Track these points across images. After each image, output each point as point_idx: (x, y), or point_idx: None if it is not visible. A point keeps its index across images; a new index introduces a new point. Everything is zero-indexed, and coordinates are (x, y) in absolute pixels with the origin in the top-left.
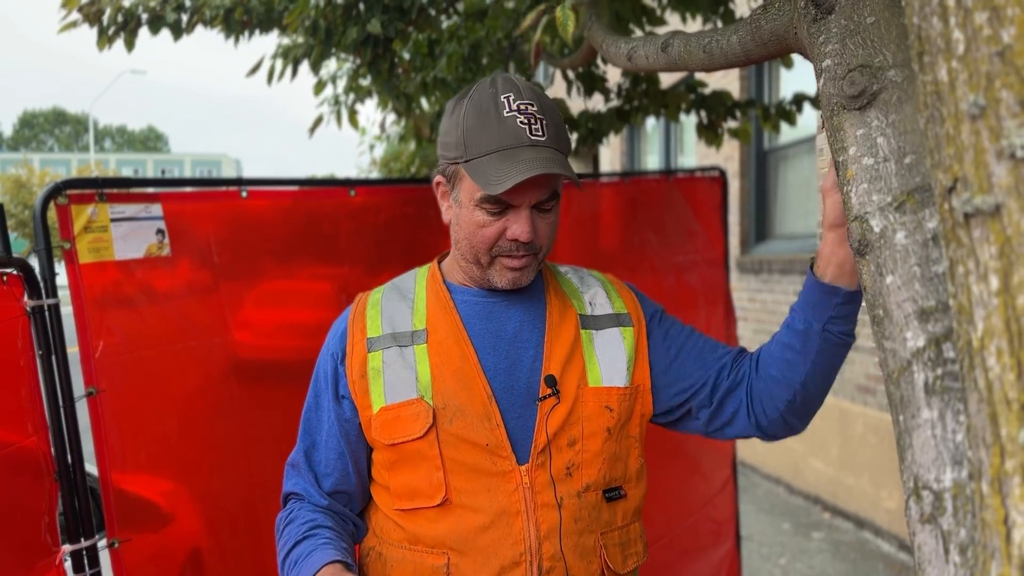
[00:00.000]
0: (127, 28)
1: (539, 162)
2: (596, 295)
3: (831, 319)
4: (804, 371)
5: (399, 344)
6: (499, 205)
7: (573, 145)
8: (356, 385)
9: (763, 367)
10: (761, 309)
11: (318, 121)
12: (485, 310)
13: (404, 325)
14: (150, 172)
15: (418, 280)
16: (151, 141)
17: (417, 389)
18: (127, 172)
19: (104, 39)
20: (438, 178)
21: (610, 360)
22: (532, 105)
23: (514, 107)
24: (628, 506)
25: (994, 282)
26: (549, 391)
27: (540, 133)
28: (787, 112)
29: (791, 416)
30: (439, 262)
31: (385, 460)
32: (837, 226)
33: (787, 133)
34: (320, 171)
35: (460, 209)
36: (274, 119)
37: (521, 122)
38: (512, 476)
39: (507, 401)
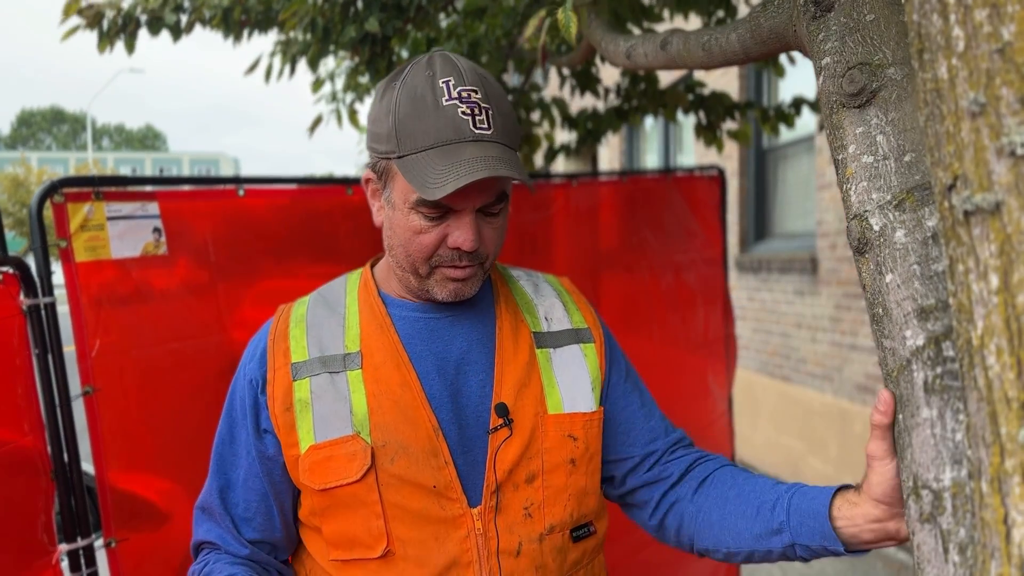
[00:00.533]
0: (127, 30)
1: (484, 161)
2: (552, 307)
3: (809, 548)
4: (745, 551)
5: (329, 370)
6: (438, 209)
7: (573, 145)
8: (280, 419)
9: (706, 503)
10: (760, 308)
11: (317, 120)
12: (427, 328)
13: (334, 346)
14: (148, 171)
15: (349, 290)
16: (149, 140)
17: (352, 424)
18: (125, 171)
19: (105, 42)
20: (367, 174)
21: (571, 382)
22: (476, 92)
23: (455, 94)
24: (595, 541)
25: (994, 280)
26: (500, 421)
27: (485, 125)
28: (786, 115)
29: (691, 549)
30: (372, 267)
31: (316, 505)
32: (884, 503)
33: (786, 132)
34: (318, 169)
35: (393, 212)
36: (272, 118)
37: (463, 112)
38: (463, 521)
39: (455, 435)
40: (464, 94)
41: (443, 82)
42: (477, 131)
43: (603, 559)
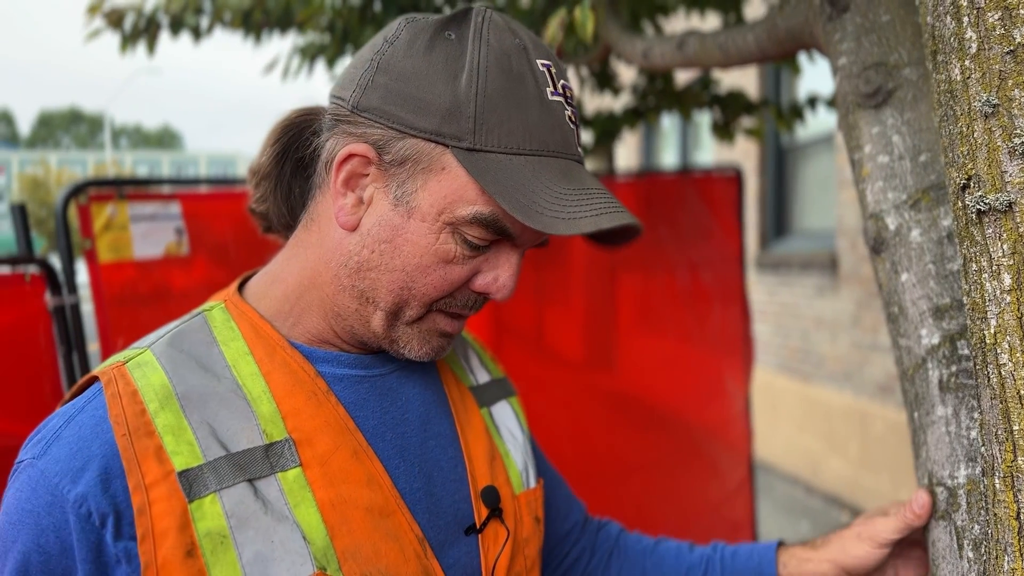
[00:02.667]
0: (148, 32)
1: (611, 199)
2: (468, 355)
3: None
4: None
5: (248, 476)
6: (494, 236)
7: (590, 145)
8: (176, 573)
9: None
10: (780, 307)
11: None
12: (375, 391)
13: (245, 436)
14: (165, 170)
15: (221, 340)
16: (166, 139)
17: (311, 558)
18: (142, 170)
19: (126, 43)
20: (358, 148)
21: (518, 448)
22: (567, 80)
23: (559, 89)
24: None
25: (1006, 279)
26: (487, 513)
27: (581, 146)
28: (800, 112)
29: None
30: (240, 292)
31: None
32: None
33: (806, 130)
34: None
35: (408, 220)
36: None
37: (570, 119)
38: None
39: (437, 542)
40: (568, 93)
41: (543, 65)
42: (579, 150)
43: None
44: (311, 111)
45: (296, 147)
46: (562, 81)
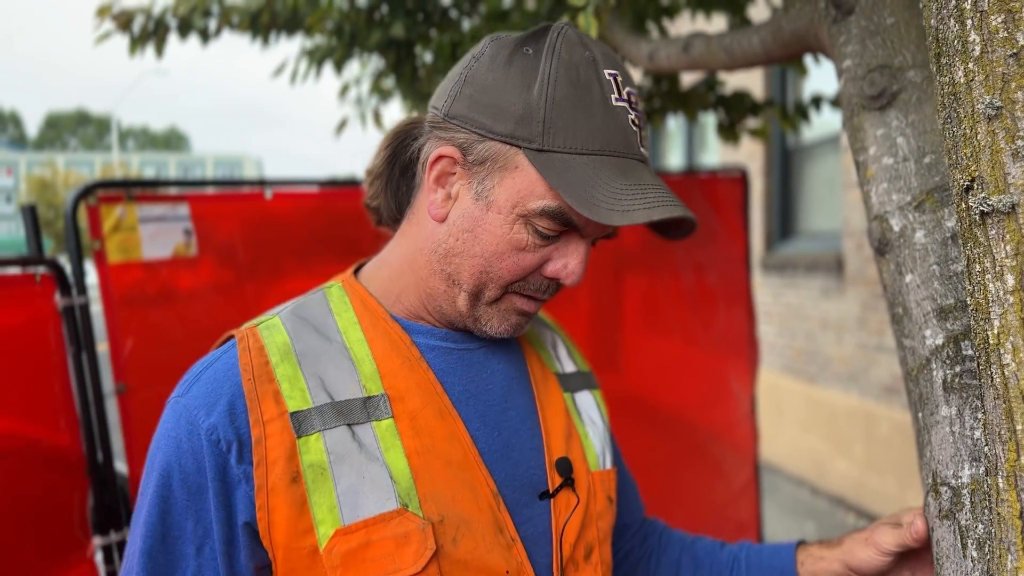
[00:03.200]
0: (157, 35)
1: (668, 194)
2: (556, 345)
3: None
4: None
5: (348, 421)
6: (562, 227)
7: None
8: (280, 497)
9: (659, 570)
10: (785, 308)
11: (343, 123)
12: (462, 362)
13: (348, 388)
14: (172, 171)
15: (336, 311)
16: (173, 141)
17: (396, 494)
18: (149, 172)
19: (135, 46)
20: (447, 150)
21: (597, 433)
22: (640, 100)
23: (624, 95)
24: None
25: (1010, 280)
26: (561, 481)
27: (647, 146)
28: (803, 111)
29: None
30: (355, 274)
31: None
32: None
33: (811, 132)
34: (341, 169)
35: (487, 212)
36: (294, 119)
37: (633, 122)
38: None
39: (512, 500)
40: (633, 99)
41: (610, 74)
42: (642, 151)
43: None
44: (416, 120)
45: (402, 151)
46: (627, 88)
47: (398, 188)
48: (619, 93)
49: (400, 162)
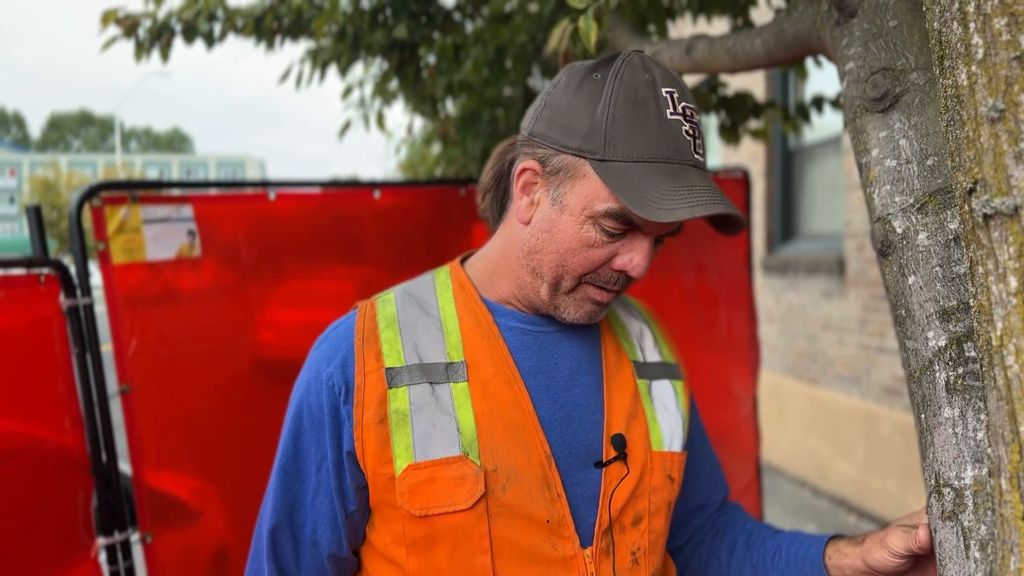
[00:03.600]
0: (162, 40)
1: (714, 194)
2: (643, 336)
3: None
4: None
5: (430, 380)
6: (625, 226)
7: None
8: (370, 433)
9: (719, 548)
10: (787, 310)
11: (347, 125)
12: (536, 342)
13: (434, 353)
14: (175, 173)
15: (439, 291)
16: (176, 142)
17: (460, 443)
18: (152, 173)
19: (141, 51)
20: (529, 163)
21: (669, 419)
22: (696, 112)
23: (679, 109)
24: None
25: (1013, 282)
26: (614, 454)
27: (701, 152)
28: (805, 112)
29: None
30: (462, 263)
31: (405, 534)
32: (874, 571)
33: (813, 133)
34: (343, 171)
35: (561, 215)
36: (296, 120)
37: (687, 132)
38: (574, 563)
39: (565, 463)
40: (688, 112)
41: (666, 92)
42: (696, 156)
43: None
44: (513, 141)
45: (503, 167)
46: (684, 103)
47: (502, 198)
48: (674, 108)
49: (503, 176)
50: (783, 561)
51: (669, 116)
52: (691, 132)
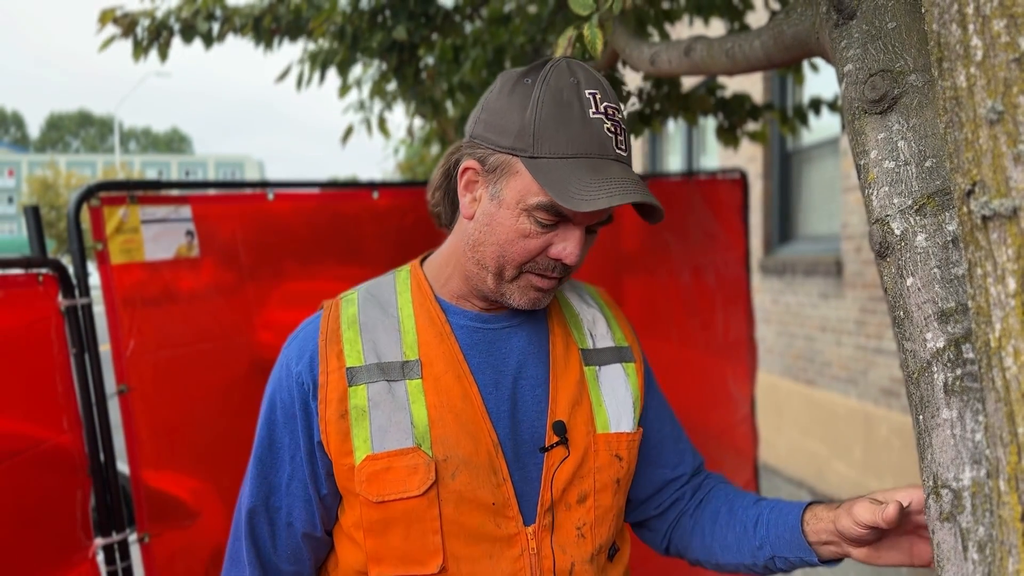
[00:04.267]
0: (160, 39)
1: (632, 184)
2: (596, 322)
3: (787, 560)
4: (732, 564)
5: (387, 378)
6: (555, 218)
7: None
8: (332, 427)
9: (702, 518)
10: (784, 311)
11: (349, 131)
12: (485, 339)
13: (391, 352)
14: (174, 173)
15: (399, 291)
16: (175, 143)
17: (413, 436)
18: (151, 173)
19: (139, 50)
20: (469, 163)
21: (616, 401)
22: (618, 111)
23: (601, 108)
24: (623, 561)
25: (1011, 284)
26: (556, 439)
27: (624, 148)
28: (803, 115)
29: (681, 557)
30: (421, 264)
31: (363, 518)
32: (839, 535)
33: (811, 135)
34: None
35: (499, 209)
36: (296, 120)
37: (608, 129)
38: (517, 540)
39: (511, 451)
40: (610, 111)
41: (589, 94)
42: (618, 151)
43: None
44: (461, 143)
45: (452, 166)
46: (605, 103)
47: (452, 196)
48: (596, 108)
49: (451, 176)
50: (764, 527)
51: (591, 115)
52: (612, 129)
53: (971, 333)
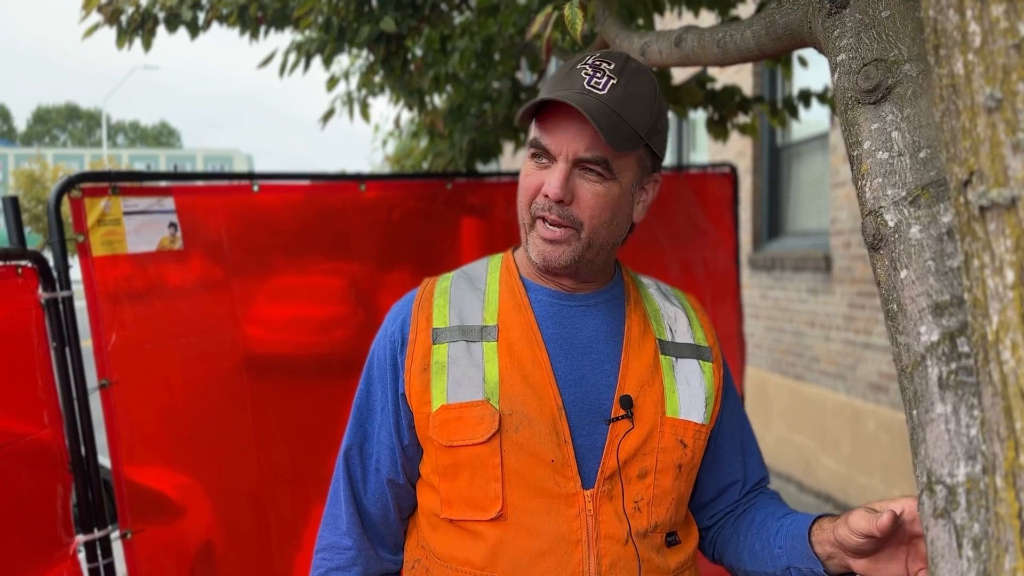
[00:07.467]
0: (145, 27)
1: (576, 99)
2: (677, 319)
3: (800, 570)
4: (758, 572)
5: (467, 339)
6: (541, 150)
7: None
8: (415, 378)
9: (740, 526)
10: (773, 306)
11: (330, 113)
12: (560, 313)
13: (474, 318)
14: (162, 167)
15: (490, 270)
16: (163, 136)
17: (483, 390)
18: (139, 167)
19: (123, 38)
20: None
21: (689, 392)
22: (610, 64)
23: (589, 63)
24: (684, 554)
25: (1009, 275)
26: (623, 413)
27: (601, 87)
28: (792, 107)
29: (716, 560)
30: (513, 252)
31: (438, 463)
32: (838, 546)
33: (800, 129)
34: (331, 167)
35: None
36: (285, 115)
37: (584, 73)
38: (575, 500)
39: (576, 417)
40: (597, 63)
41: (585, 63)
42: (588, 87)
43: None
44: None
45: None
46: (597, 60)
47: None
48: (584, 63)
49: None
50: (782, 538)
51: (578, 66)
52: (590, 72)
53: (966, 326)
